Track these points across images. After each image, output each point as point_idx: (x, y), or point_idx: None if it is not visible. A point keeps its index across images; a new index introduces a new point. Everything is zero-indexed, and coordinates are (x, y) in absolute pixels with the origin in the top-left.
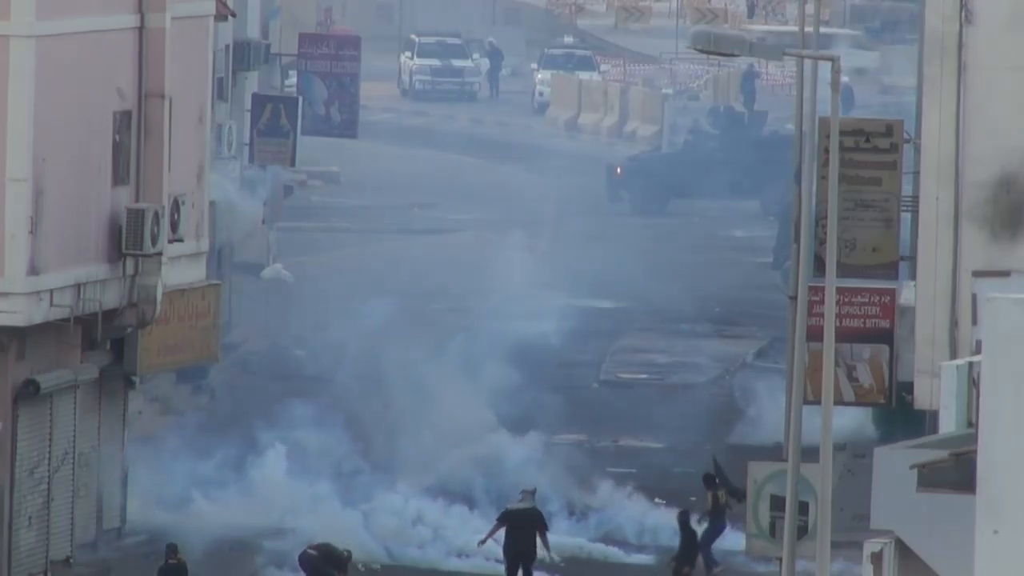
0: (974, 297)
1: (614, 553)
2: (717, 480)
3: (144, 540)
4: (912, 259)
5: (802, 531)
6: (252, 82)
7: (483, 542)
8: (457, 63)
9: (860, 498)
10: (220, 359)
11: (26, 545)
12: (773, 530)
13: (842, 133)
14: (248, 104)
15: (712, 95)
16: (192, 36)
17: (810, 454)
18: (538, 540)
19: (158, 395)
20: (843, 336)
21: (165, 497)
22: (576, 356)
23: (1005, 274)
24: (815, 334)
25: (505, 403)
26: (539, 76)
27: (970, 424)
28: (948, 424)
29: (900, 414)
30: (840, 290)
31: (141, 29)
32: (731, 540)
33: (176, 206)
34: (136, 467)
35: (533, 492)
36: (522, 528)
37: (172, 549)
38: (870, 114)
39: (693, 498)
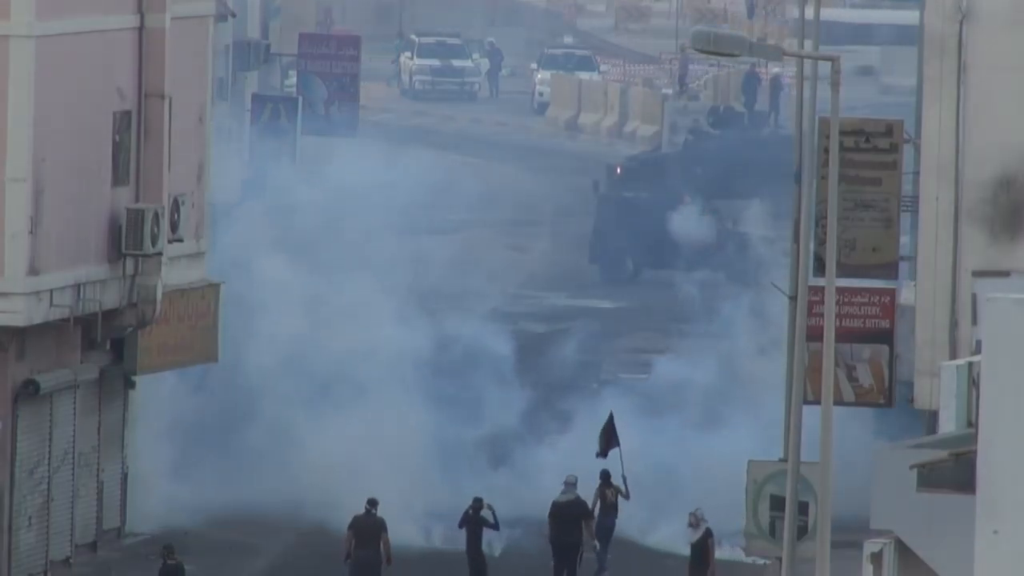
0: (974, 297)
1: None
2: (611, 477)
3: (144, 540)
4: (912, 259)
5: (802, 531)
6: (252, 82)
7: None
8: (457, 63)
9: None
10: (219, 359)
11: (26, 545)
12: (773, 530)
13: (842, 133)
14: (248, 104)
15: (712, 95)
16: (192, 36)
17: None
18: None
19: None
20: (843, 336)
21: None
22: (576, 356)
23: (1005, 274)
24: (815, 334)
25: (505, 403)
26: (539, 76)
27: (970, 424)
28: (948, 424)
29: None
30: (840, 290)
31: (141, 29)
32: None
33: (176, 206)
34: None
35: (575, 482)
36: (568, 520)
37: (169, 550)
38: (870, 114)
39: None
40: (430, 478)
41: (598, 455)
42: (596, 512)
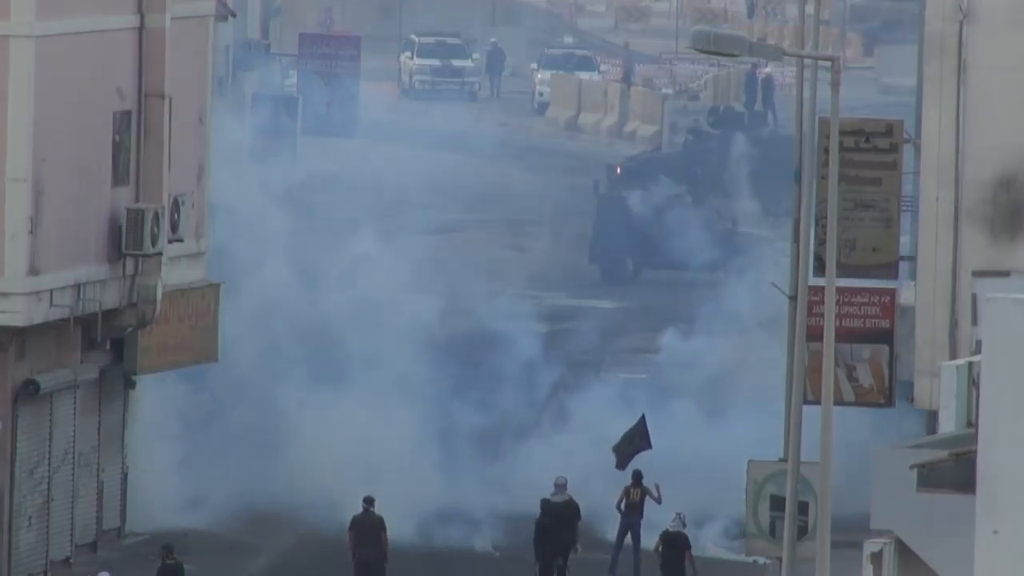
0: (974, 297)
1: None
2: (643, 479)
3: (144, 540)
4: (912, 259)
5: (802, 531)
6: (252, 82)
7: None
8: (457, 63)
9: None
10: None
11: (26, 545)
12: (773, 530)
13: (842, 133)
14: (248, 104)
15: (712, 95)
16: (192, 36)
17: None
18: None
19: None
20: (843, 336)
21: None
22: (576, 356)
23: (1005, 274)
24: (815, 334)
25: (503, 400)
26: (539, 76)
27: (970, 424)
28: (948, 424)
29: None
30: (840, 290)
31: (141, 29)
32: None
33: (176, 206)
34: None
35: (565, 484)
36: (562, 521)
37: (168, 549)
38: (870, 114)
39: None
40: (427, 472)
41: (617, 466)
42: (622, 508)
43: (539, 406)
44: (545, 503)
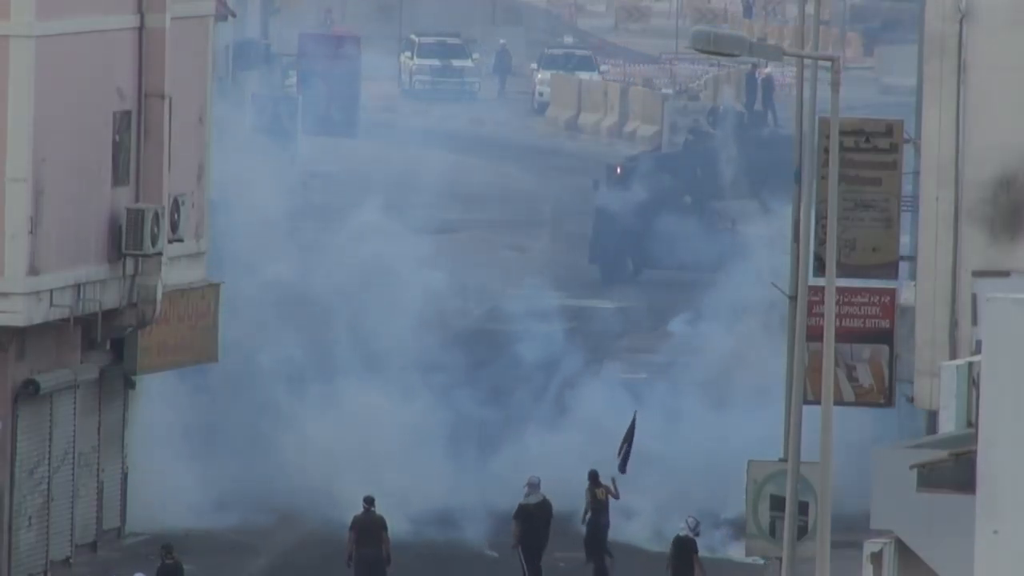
0: (974, 297)
1: None
2: (600, 477)
3: (144, 540)
4: (912, 259)
5: (802, 531)
6: (252, 82)
7: (516, 546)
8: (457, 63)
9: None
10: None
11: (26, 545)
12: (773, 530)
13: (842, 133)
14: (248, 104)
15: (712, 95)
16: (192, 36)
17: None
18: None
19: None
20: (843, 336)
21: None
22: (576, 355)
23: (1005, 274)
24: (815, 334)
25: (505, 400)
26: (539, 76)
27: (970, 424)
28: (948, 424)
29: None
30: (840, 290)
31: (141, 29)
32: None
33: (176, 206)
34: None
35: (539, 483)
36: (537, 521)
37: (167, 549)
38: (870, 114)
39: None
40: (425, 470)
41: (621, 469)
42: (588, 513)
43: (538, 404)
44: (520, 508)
